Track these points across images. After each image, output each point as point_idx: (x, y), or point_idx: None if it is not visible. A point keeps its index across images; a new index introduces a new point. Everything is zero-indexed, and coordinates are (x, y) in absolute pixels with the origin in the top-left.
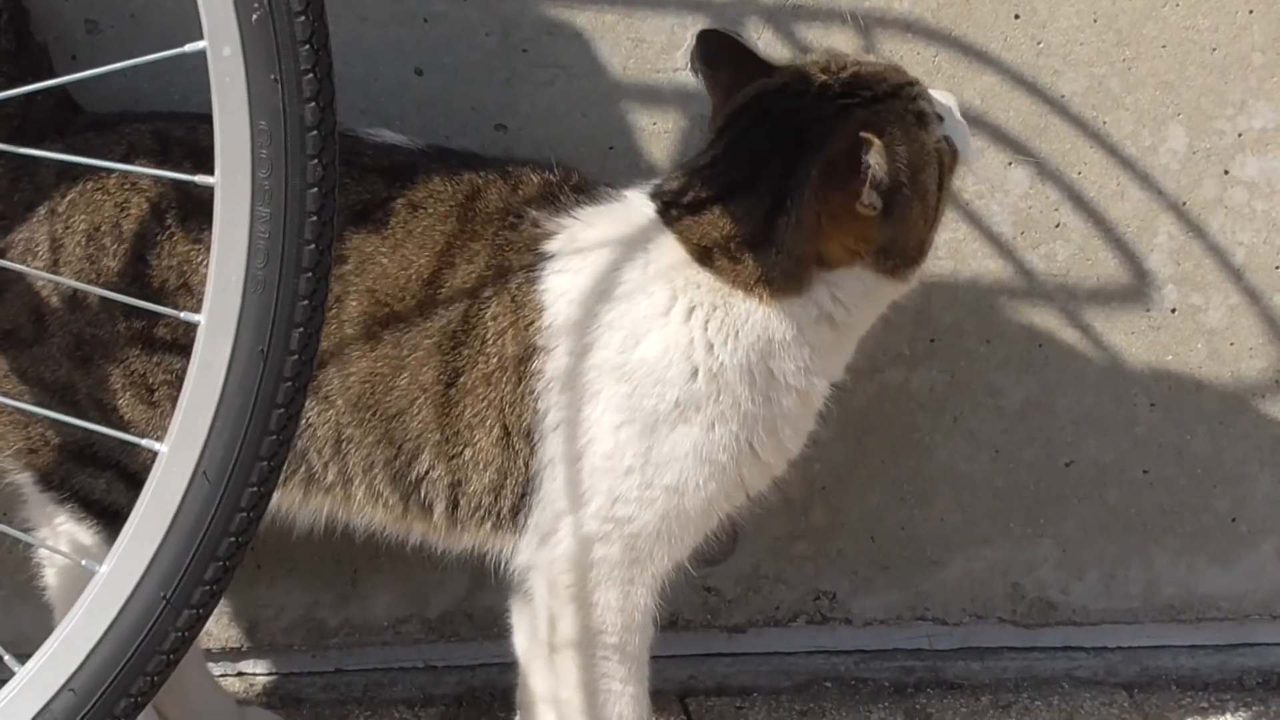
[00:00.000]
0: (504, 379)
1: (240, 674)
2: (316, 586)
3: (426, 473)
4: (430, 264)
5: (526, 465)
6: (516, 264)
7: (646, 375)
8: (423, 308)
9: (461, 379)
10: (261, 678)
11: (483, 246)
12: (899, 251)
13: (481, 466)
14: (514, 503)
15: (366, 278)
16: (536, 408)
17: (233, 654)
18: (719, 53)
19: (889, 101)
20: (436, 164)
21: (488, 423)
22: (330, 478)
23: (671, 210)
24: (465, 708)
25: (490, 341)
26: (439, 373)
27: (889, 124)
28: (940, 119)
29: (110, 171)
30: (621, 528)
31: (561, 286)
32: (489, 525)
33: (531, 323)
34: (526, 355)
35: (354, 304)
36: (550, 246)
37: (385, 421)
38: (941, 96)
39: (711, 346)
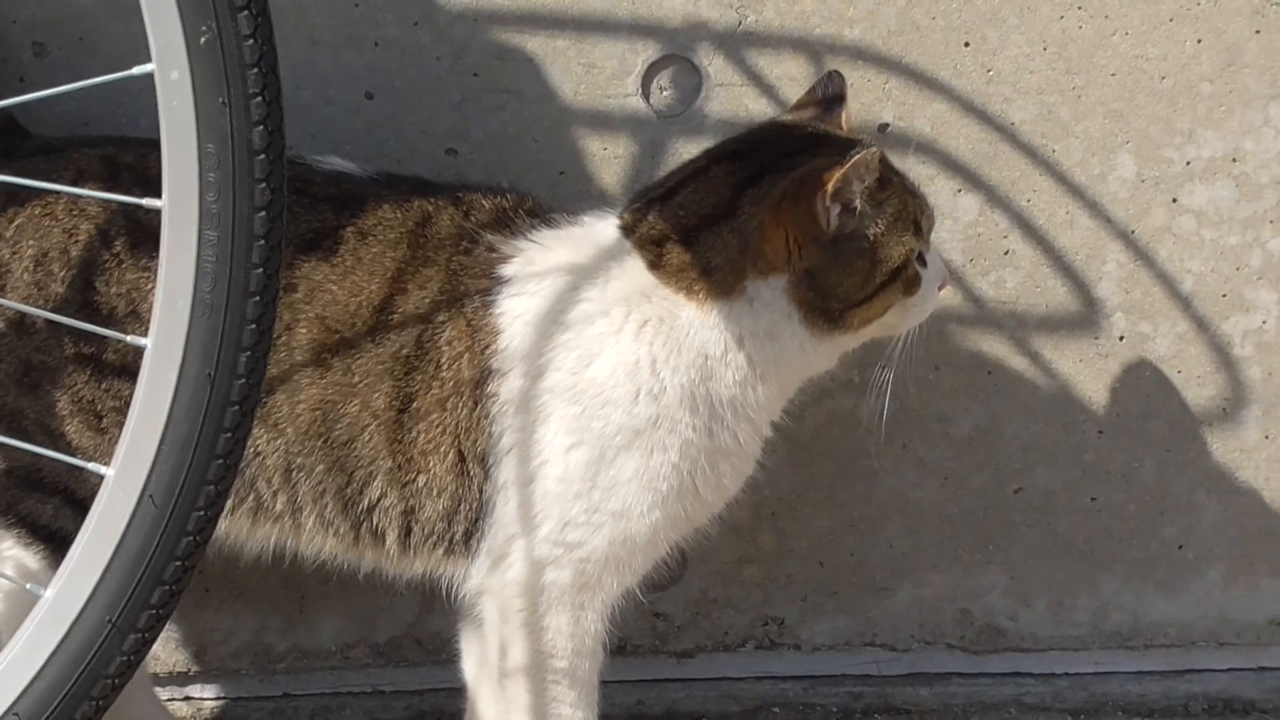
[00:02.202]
0: (459, 403)
1: (188, 698)
2: (264, 611)
3: (379, 500)
4: (381, 290)
5: (480, 490)
6: (472, 288)
7: (595, 396)
8: (374, 334)
9: (415, 404)
10: (209, 702)
11: (436, 272)
12: (823, 288)
13: (435, 493)
14: (467, 528)
15: (316, 305)
16: (491, 431)
17: (180, 678)
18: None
19: (900, 177)
20: (386, 190)
21: (442, 448)
22: (279, 506)
23: (632, 213)
24: None
25: (445, 366)
26: (391, 399)
27: (891, 174)
28: (922, 234)
29: (60, 195)
30: (571, 552)
31: (518, 309)
32: (441, 551)
33: (487, 346)
34: (482, 379)
35: (303, 331)
36: (506, 270)
37: (336, 449)
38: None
39: (655, 364)
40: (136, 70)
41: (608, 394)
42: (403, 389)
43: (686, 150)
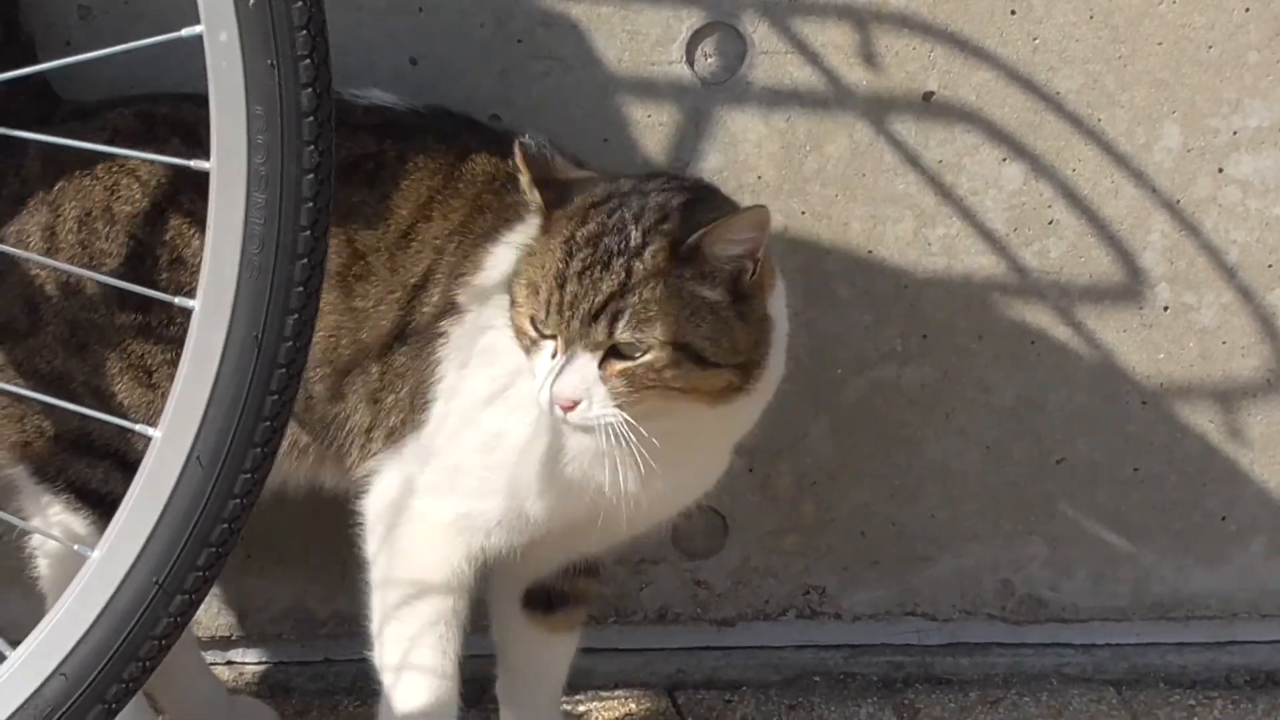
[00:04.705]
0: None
1: (230, 663)
2: (306, 577)
3: (352, 419)
4: (410, 216)
5: (418, 418)
6: (485, 226)
7: (499, 362)
8: (394, 260)
9: (408, 331)
10: (251, 667)
11: (462, 205)
12: None
13: (391, 414)
14: (394, 447)
15: (348, 229)
16: (435, 368)
17: (222, 643)
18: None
19: None
20: (432, 122)
21: (407, 375)
22: None
23: None
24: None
25: (435, 296)
26: (394, 326)
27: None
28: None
29: (108, 156)
30: (461, 498)
31: (505, 258)
32: (369, 461)
33: (461, 281)
34: (443, 312)
35: (334, 258)
36: (523, 218)
37: (338, 375)
38: None
39: None
40: (185, 32)
41: (504, 361)
42: (404, 318)
43: (730, 118)
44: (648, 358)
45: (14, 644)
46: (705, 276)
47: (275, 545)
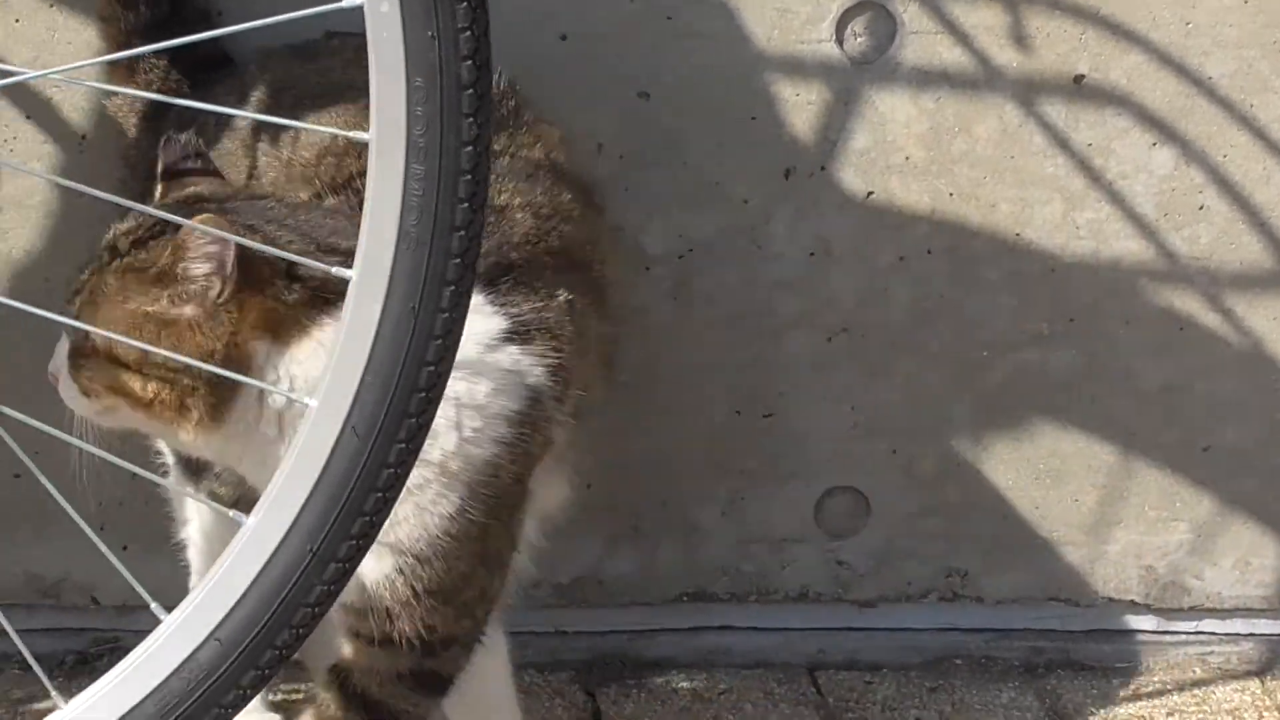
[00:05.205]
0: None
1: None
2: None
3: None
4: None
5: None
6: None
7: None
8: None
9: None
10: None
11: None
12: None
13: None
14: None
15: None
16: None
17: None
18: None
19: None
20: None
21: None
22: None
23: None
24: (594, 672)
25: None
26: None
27: None
28: None
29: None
30: None
31: None
32: None
33: None
34: None
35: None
36: None
37: None
38: None
39: None
40: (346, 2)
41: None
42: None
43: (879, 98)
44: (79, 345)
45: (168, 608)
46: (162, 285)
47: None
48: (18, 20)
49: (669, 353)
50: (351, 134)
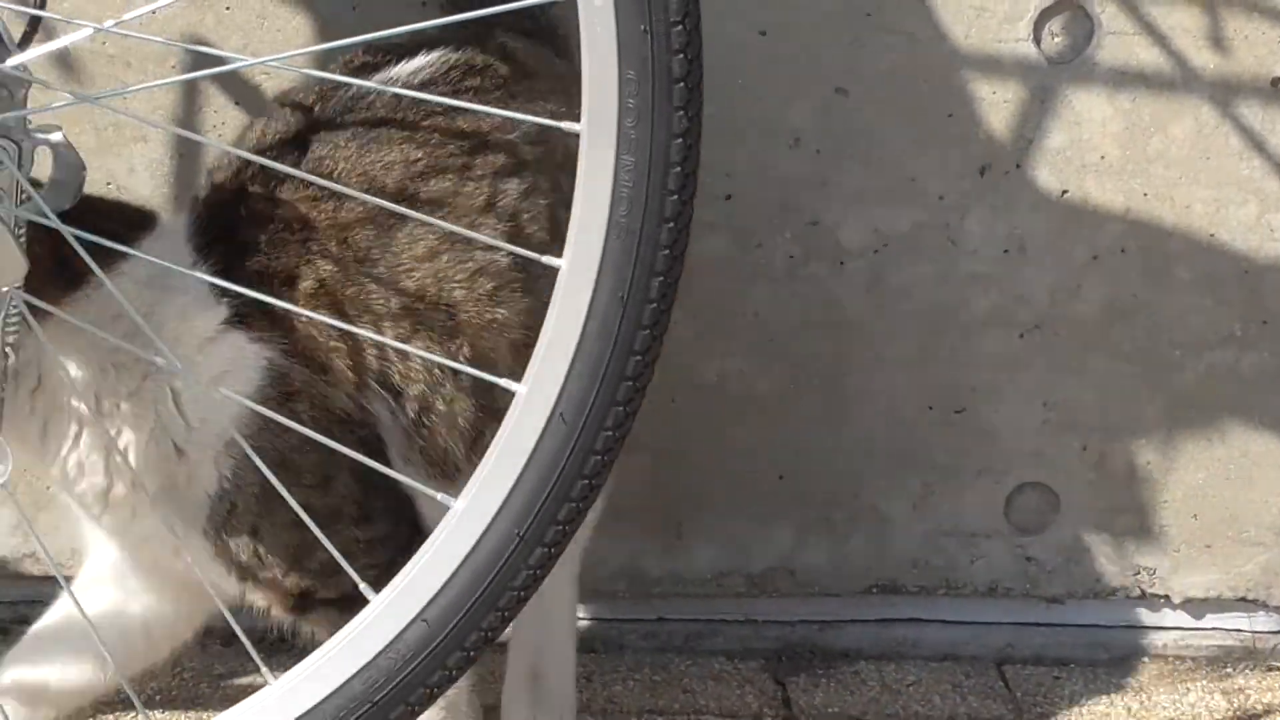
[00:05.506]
0: None
1: None
2: (641, 536)
3: None
4: None
5: None
6: None
7: None
8: None
9: None
10: (585, 622)
11: None
12: None
13: None
14: None
15: None
16: None
17: None
18: None
19: None
20: None
21: None
22: None
23: None
24: (784, 662)
25: None
26: None
27: None
28: None
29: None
30: None
31: None
32: None
33: None
34: None
35: None
36: None
37: None
38: None
39: None
40: None
41: None
42: None
43: (1075, 97)
44: None
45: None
46: None
47: (611, 503)
48: (228, 8)
49: (862, 347)
50: (563, 125)
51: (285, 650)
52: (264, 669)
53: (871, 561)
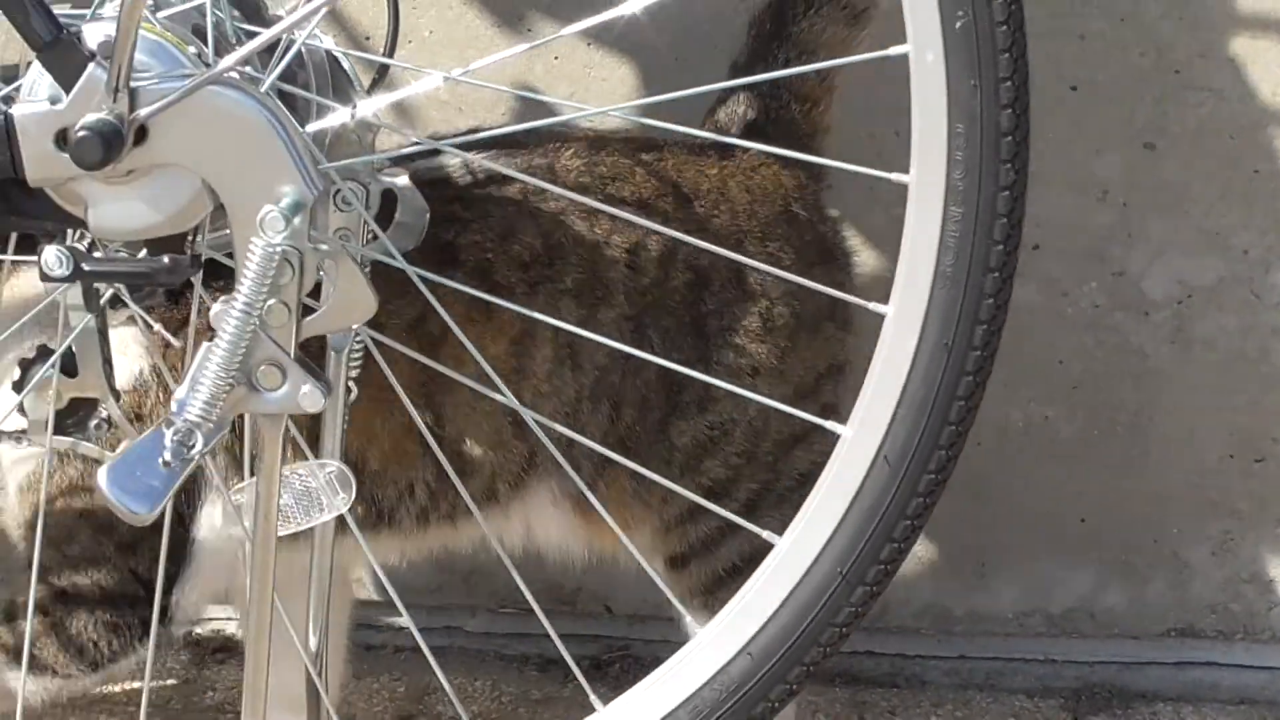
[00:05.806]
0: None
1: (869, 653)
2: (945, 573)
3: None
4: None
5: None
6: None
7: None
8: None
9: None
10: (887, 658)
11: None
12: None
13: None
14: None
15: None
16: None
17: (864, 632)
18: None
19: None
20: None
21: None
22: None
23: None
24: (1083, 702)
25: None
26: None
27: None
28: None
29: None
30: None
31: None
32: None
33: None
34: None
35: None
36: None
37: None
38: None
39: None
40: (893, 51)
41: None
42: None
43: None
44: None
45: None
46: None
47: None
48: (556, 57)
49: (1165, 395)
50: (892, 175)
51: (599, 678)
52: (592, 696)
53: (1170, 605)
